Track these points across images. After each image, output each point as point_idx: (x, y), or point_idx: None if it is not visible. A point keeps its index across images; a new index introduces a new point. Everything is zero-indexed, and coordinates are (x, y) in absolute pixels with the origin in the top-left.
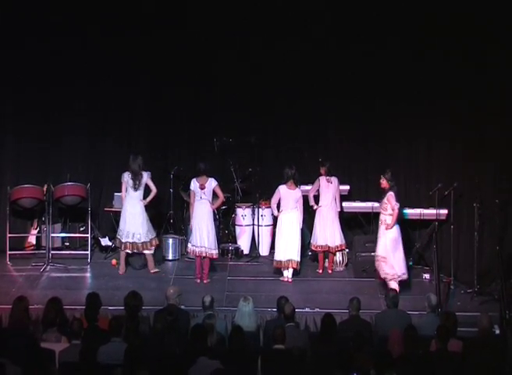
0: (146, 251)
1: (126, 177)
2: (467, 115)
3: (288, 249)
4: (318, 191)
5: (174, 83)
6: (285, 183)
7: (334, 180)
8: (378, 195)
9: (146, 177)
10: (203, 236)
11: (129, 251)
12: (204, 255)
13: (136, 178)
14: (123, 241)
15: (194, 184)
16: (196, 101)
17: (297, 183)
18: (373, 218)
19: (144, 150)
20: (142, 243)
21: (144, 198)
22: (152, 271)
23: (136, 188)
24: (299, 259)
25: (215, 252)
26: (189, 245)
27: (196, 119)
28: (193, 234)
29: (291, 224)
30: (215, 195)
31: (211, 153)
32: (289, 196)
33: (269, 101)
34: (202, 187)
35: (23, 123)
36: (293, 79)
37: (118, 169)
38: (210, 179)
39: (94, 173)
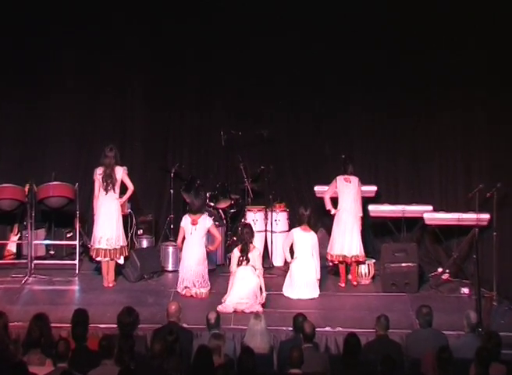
0: (118, 261)
1: (98, 175)
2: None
3: (303, 292)
4: (336, 193)
5: (173, 63)
6: (299, 225)
7: (354, 179)
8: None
9: (121, 173)
10: (193, 278)
11: (102, 259)
12: (194, 296)
13: (109, 174)
14: (95, 247)
15: (185, 220)
16: (200, 88)
17: (312, 228)
18: (404, 223)
19: (139, 144)
20: (114, 250)
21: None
22: (108, 285)
23: (109, 186)
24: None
25: (204, 292)
26: (180, 286)
27: (200, 109)
28: (181, 278)
29: (308, 272)
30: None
31: (217, 148)
32: (304, 241)
33: (285, 90)
34: (194, 223)
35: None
36: (312, 65)
37: None
38: (205, 216)
39: (82, 170)
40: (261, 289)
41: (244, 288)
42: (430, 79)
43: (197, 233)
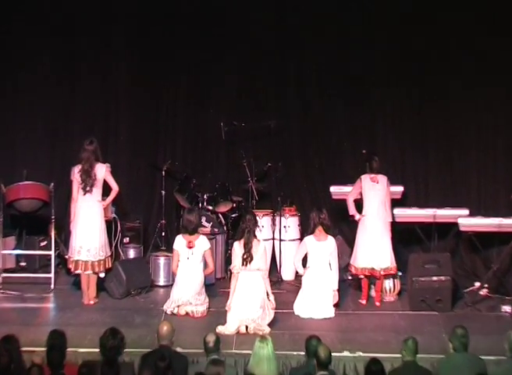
0: (100, 274)
1: (76, 173)
2: None
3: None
4: (360, 194)
5: (163, 41)
6: (312, 232)
7: (382, 179)
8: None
9: (103, 171)
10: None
11: (82, 273)
12: (190, 314)
13: (88, 171)
14: (74, 258)
15: (179, 242)
16: (195, 71)
17: (329, 231)
18: (435, 230)
19: (125, 137)
20: (96, 262)
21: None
22: (88, 302)
23: (88, 186)
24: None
25: (202, 310)
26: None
27: (196, 96)
28: (172, 298)
29: (323, 285)
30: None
31: (216, 142)
32: (319, 249)
33: (296, 73)
34: (190, 246)
35: None
36: (329, 47)
37: None
38: (203, 237)
39: (59, 168)
40: (267, 294)
41: (250, 299)
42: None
43: (194, 258)
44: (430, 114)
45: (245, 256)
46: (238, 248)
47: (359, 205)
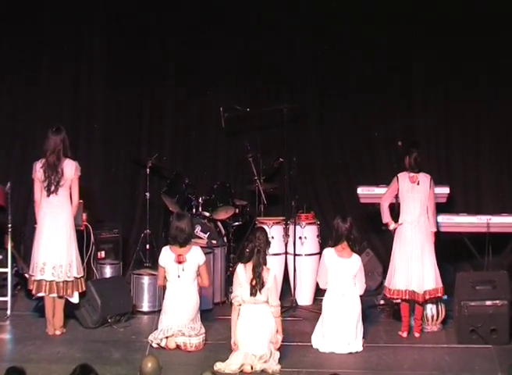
0: (70, 299)
1: (39, 170)
2: None
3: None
4: (396, 197)
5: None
6: (334, 245)
7: (424, 179)
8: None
9: (72, 171)
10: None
11: (46, 296)
12: (182, 348)
13: (55, 167)
14: (36, 278)
15: (166, 256)
16: (187, 44)
17: (355, 246)
18: (489, 242)
19: (99, 125)
20: (64, 282)
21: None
22: (53, 333)
23: (52, 185)
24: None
25: (196, 343)
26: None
27: (188, 75)
28: (161, 328)
29: (347, 312)
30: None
31: (214, 132)
32: (340, 268)
33: (314, 50)
34: (180, 261)
35: None
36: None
37: None
38: (195, 248)
39: (17, 166)
40: (277, 331)
41: (257, 333)
42: None
43: (186, 275)
44: (481, 102)
45: (254, 283)
46: (242, 273)
47: (394, 210)
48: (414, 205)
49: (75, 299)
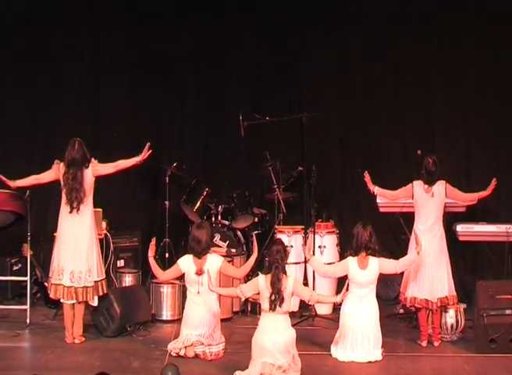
0: (92, 303)
1: (63, 174)
2: None
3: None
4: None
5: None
6: (355, 254)
7: (438, 190)
8: None
9: (89, 174)
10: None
11: (64, 301)
12: (202, 356)
13: (77, 191)
14: (54, 282)
15: (188, 263)
16: (208, 52)
17: (374, 256)
18: (509, 251)
19: (119, 133)
20: (84, 288)
21: None
22: (72, 341)
23: (74, 202)
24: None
25: (216, 351)
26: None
27: (208, 84)
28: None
29: (366, 322)
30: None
31: (233, 141)
32: (360, 278)
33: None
34: (200, 272)
35: None
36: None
37: None
38: (212, 256)
39: (36, 172)
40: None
41: (274, 345)
42: None
43: (205, 289)
44: (501, 106)
45: (273, 298)
46: (263, 282)
47: (408, 218)
48: (429, 215)
49: (94, 303)
